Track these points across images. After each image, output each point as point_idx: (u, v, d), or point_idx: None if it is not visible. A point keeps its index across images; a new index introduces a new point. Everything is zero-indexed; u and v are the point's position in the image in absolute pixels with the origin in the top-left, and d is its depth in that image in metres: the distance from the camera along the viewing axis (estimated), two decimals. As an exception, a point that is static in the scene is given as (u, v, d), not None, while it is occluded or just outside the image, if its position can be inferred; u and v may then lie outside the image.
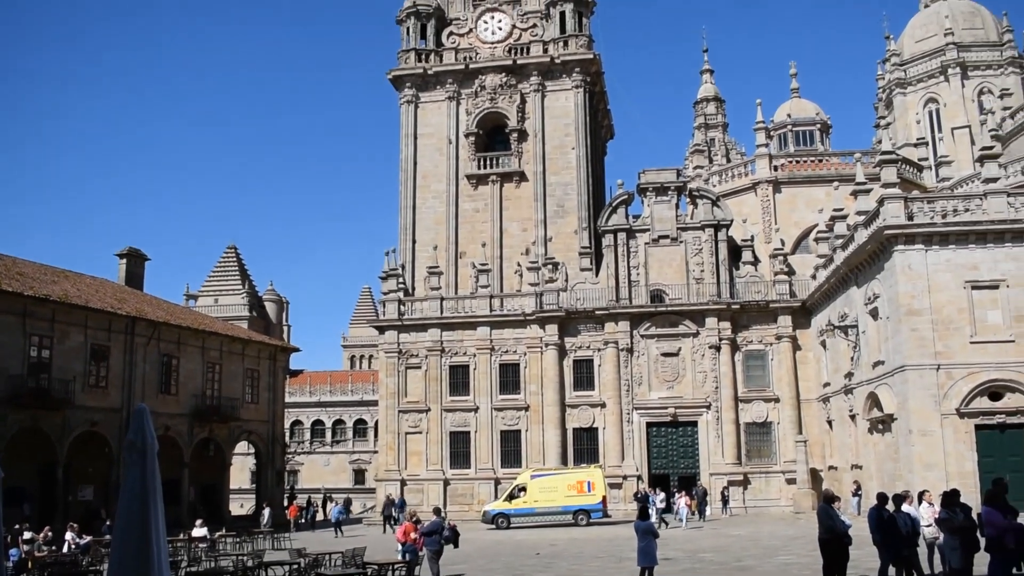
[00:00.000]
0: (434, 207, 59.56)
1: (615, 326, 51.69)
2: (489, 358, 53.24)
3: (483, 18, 62.81)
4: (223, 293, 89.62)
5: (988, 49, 65.99)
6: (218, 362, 51.29)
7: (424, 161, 60.37)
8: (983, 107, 62.41)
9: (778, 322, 50.90)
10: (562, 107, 59.97)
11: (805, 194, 55.50)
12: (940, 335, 34.44)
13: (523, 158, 59.47)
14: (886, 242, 36.05)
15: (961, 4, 69.28)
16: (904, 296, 35.07)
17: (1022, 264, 34.71)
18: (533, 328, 52.93)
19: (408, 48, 61.78)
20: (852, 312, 41.72)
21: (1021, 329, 34.16)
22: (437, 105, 61.15)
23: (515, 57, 60.65)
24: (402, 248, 58.90)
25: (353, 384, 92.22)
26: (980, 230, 34.99)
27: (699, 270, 52.07)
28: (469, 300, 54.66)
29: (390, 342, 54.34)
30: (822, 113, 64.23)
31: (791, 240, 54.37)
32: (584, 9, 61.32)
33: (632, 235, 53.15)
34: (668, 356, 51.40)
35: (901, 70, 68.40)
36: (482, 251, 56.83)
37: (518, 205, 58.93)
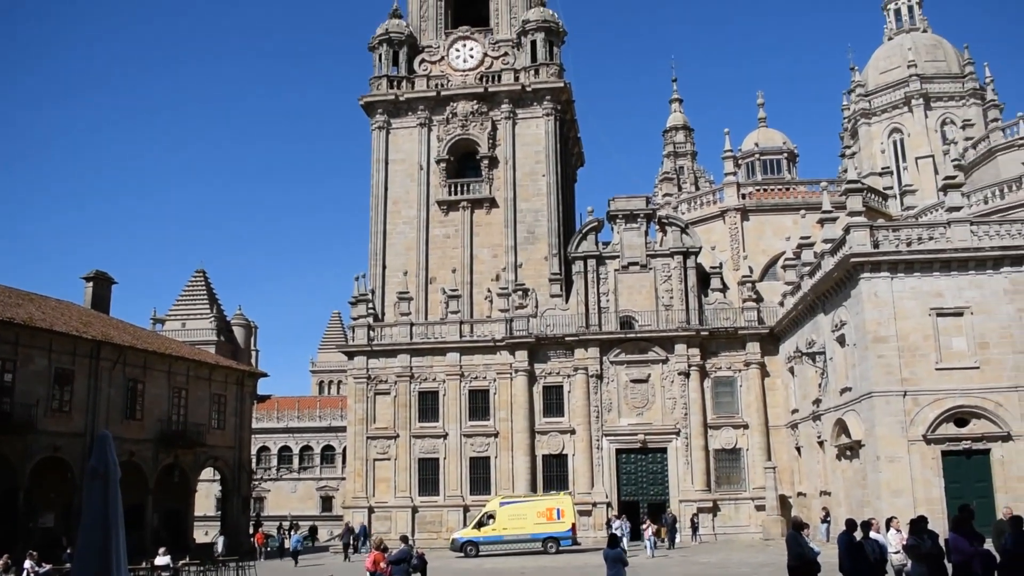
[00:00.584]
0: (405, 233, 59.52)
1: (585, 352, 51.75)
2: (459, 384, 53.07)
3: (455, 46, 63.16)
4: (191, 317, 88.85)
5: (950, 81, 67.22)
6: (184, 387, 50.71)
7: (395, 187, 60.40)
8: (946, 137, 63.45)
9: (747, 349, 51.19)
10: (533, 134, 60.28)
11: (773, 222, 56.02)
12: (906, 362, 34.78)
13: (494, 184, 59.65)
14: (852, 270, 36.43)
15: (924, 37, 70.59)
16: (871, 323, 35.42)
17: (986, 291, 35.21)
18: (503, 354, 52.86)
19: (380, 75, 61.96)
20: (820, 339, 42.05)
21: (985, 356, 34.60)
22: (408, 131, 61.28)
23: (487, 85, 60.96)
24: (372, 273, 58.74)
25: (321, 410, 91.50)
26: (944, 258, 35.47)
27: (668, 297, 52.33)
28: (439, 326, 54.54)
29: (359, 368, 54.05)
30: (789, 142, 64.94)
31: (759, 267, 54.77)
32: (555, 39, 61.81)
33: (602, 262, 53.36)
34: (637, 382, 51.50)
35: (866, 101, 69.45)
36: (452, 277, 56.79)
37: (489, 231, 59.02)
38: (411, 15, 64.66)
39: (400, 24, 63.03)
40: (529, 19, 61.70)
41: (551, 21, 61.73)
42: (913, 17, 72.55)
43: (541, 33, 61.19)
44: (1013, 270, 35.31)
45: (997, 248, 35.42)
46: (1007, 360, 34.48)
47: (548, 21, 61.58)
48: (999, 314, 34.96)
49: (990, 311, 35.03)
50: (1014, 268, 35.31)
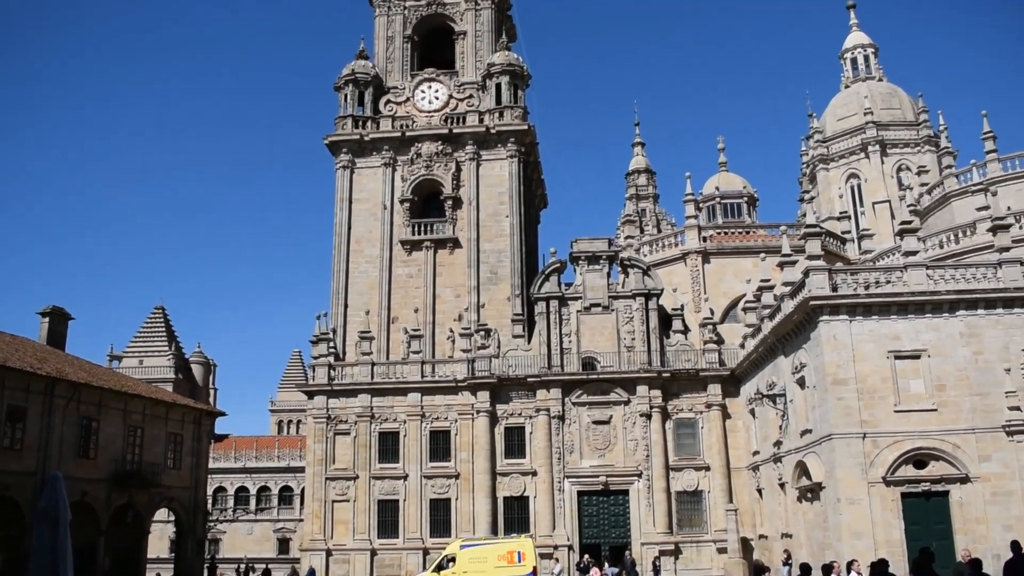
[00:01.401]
0: (367, 272, 59.34)
1: (547, 393, 51.67)
2: (419, 425, 52.68)
3: (420, 87, 63.55)
4: (149, 354, 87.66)
5: (905, 128, 68.64)
6: (140, 426, 49.80)
7: (358, 226, 60.32)
8: (902, 183, 64.63)
9: (708, 390, 51.40)
10: (497, 176, 60.60)
11: (733, 265, 56.55)
12: (865, 404, 35.10)
13: (457, 225, 59.76)
14: (812, 312, 36.82)
15: (880, 86, 72.12)
16: (830, 365, 35.74)
17: (942, 334, 35.74)
18: (465, 395, 52.62)
19: (345, 114, 62.14)
20: (780, 381, 42.33)
21: (943, 398, 35.03)
22: (373, 171, 61.36)
23: (451, 126, 61.34)
24: (334, 312, 58.41)
25: (280, 450, 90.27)
26: (902, 301, 36.01)
27: (630, 338, 52.52)
28: (400, 366, 54.23)
29: (319, 407, 53.50)
30: (749, 187, 65.81)
31: (720, 309, 55.16)
32: (520, 82, 62.42)
33: (564, 303, 53.51)
34: (600, 424, 51.45)
35: (824, 146, 70.66)
36: (415, 317, 56.61)
37: (452, 271, 59.02)
38: (377, 56, 65.07)
39: (366, 65, 63.35)
40: (494, 62, 62.30)
41: (516, 65, 62.37)
42: (869, 66, 74.13)
43: (506, 76, 61.77)
44: (968, 313, 35.91)
45: (953, 292, 36.02)
46: (964, 402, 34.94)
47: (513, 65, 62.21)
48: (955, 357, 35.48)
49: (947, 354, 35.55)
50: (969, 312, 35.93)
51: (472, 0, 65.28)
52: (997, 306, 36.03)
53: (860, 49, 74.81)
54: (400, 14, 65.61)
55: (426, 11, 65.74)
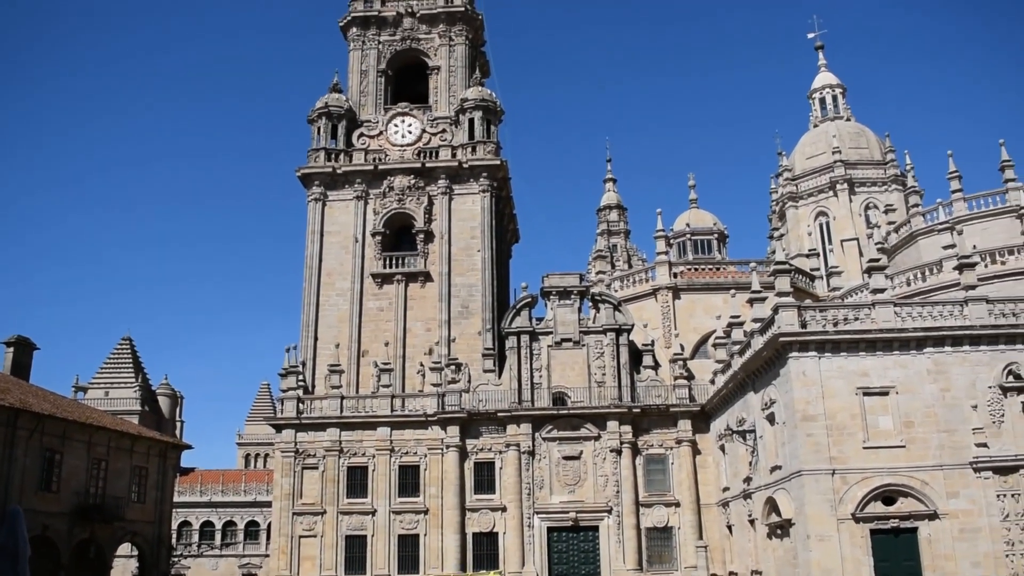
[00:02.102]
0: (338, 305, 59.08)
1: (517, 428, 51.51)
2: (389, 459, 52.27)
3: (394, 121, 63.72)
4: (115, 386, 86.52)
5: (873, 167, 69.62)
6: (104, 458, 49.01)
7: (329, 259, 60.13)
8: (869, 221, 65.39)
9: (678, 426, 51.47)
10: (469, 210, 60.71)
11: (703, 301, 56.78)
12: (835, 440, 35.29)
13: (429, 259, 59.72)
14: (781, 349, 37.05)
15: (848, 125, 73.21)
16: (799, 402, 35.93)
17: (910, 371, 36.09)
18: (434, 429, 52.33)
19: (318, 147, 62.14)
20: (750, 417, 42.47)
21: (911, 434, 35.30)
22: (345, 204, 61.28)
23: (424, 160, 61.47)
24: (304, 345, 58.00)
25: (247, 484, 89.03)
26: (870, 338, 36.36)
27: (601, 374, 52.57)
28: (370, 400, 53.89)
29: (287, 441, 52.97)
30: (719, 223, 66.32)
31: (690, 345, 55.34)
32: (492, 117, 62.77)
33: (535, 338, 53.54)
34: (570, 459, 51.31)
35: (793, 184, 71.46)
36: (385, 350, 56.36)
37: (423, 305, 58.87)
38: (351, 90, 65.24)
39: (340, 98, 63.50)
40: (467, 98, 62.64)
41: (489, 100, 62.76)
42: (837, 106, 75.25)
43: (479, 111, 62.11)
44: (936, 351, 36.30)
45: (920, 329, 36.42)
46: (932, 439, 35.22)
47: (486, 100, 62.58)
48: (923, 394, 35.82)
49: (914, 391, 35.88)
50: (936, 349, 36.32)
51: (446, 36, 65.79)
52: (964, 343, 36.47)
53: (828, 89, 75.97)
54: (374, 48, 65.96)
55: (400, 46, 66.14)
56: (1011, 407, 35.74)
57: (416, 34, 66.18)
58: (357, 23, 66.27)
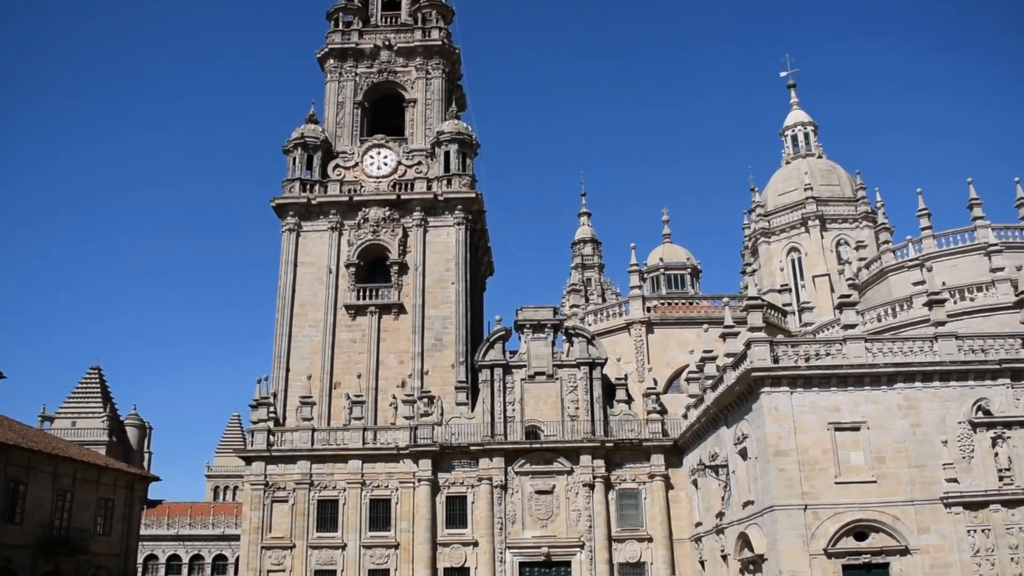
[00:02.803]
0: (310, 336, 58.72)
1: (490, 462, 51.22)
2: (360, 493, 51.77)
3: (370, 153, 63.77)
4: (82, 416, 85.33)
5: (844, 204, 70.44)
6: (70, 489, 48.33)
7: (303, 289, 59.83)
8: (841, 257, 66.08)
9: (651, 461, 51.37)
10: (444, 243, 60.71)
11: (677, 335, 56.91)
12: (807, 475, 35.31)
13: (403, 291, 59.57)
14: (753, 384, 37.15)
15: (819, 163, 74.13)
16: (772, 437, 35.97)
17: (880, 407, 36.27)
18: (406, 463, 51.94)
19: (293, 178, 62.01)
20: (722, 452, 42.47)
21: (882, 470, 35.40)
22: (319, 235, 61.12)
23: (399, 192, 61.51)
24: (275, 376, 57.52)
25: (215, 517, 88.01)
26: (841, 374, 36.54)
27: (574, 407, 52.49)
28: (341, 432, 53.44)
29: (257, 473, 52.35)
30: (693, 258, 66.71)
31: (663, 380, 55.41)
32: (468, 150, 62.96)
33: (509, 371, 53.42)
34: (542, 494, 51.03)
35: (766, 220, 72.12)
36: (357, 382, 56.01)
37: (396, 337, 58.63)
38: (327, 121, 65.30)
39: (316, 129, 63.53)
40: (443, 131, 62.84)
41: (465, 133, 62.98)
42: (809, 143, 76.26)
43: (455, 144, 62.29)
44: (906, 386, 36.52)
45: (891, 365, 36.66)
46: (903, 474, 35.33)
47: (462, 133, 62.81)
48: (894, 429, 35.98)
49: (885, 426, 36.03)
50: (907, 384, 36.55)
51: (423, 69, 66.09)
52: (934, 379, 36.73)
53: (800, 127, 77.00)
54: (351, 80, 66.14)
55: (377, 79, 66.37)
56: (980, 443, 35.96)
57: (393, 67, 66.45)
58: (334, 55, 66.49)
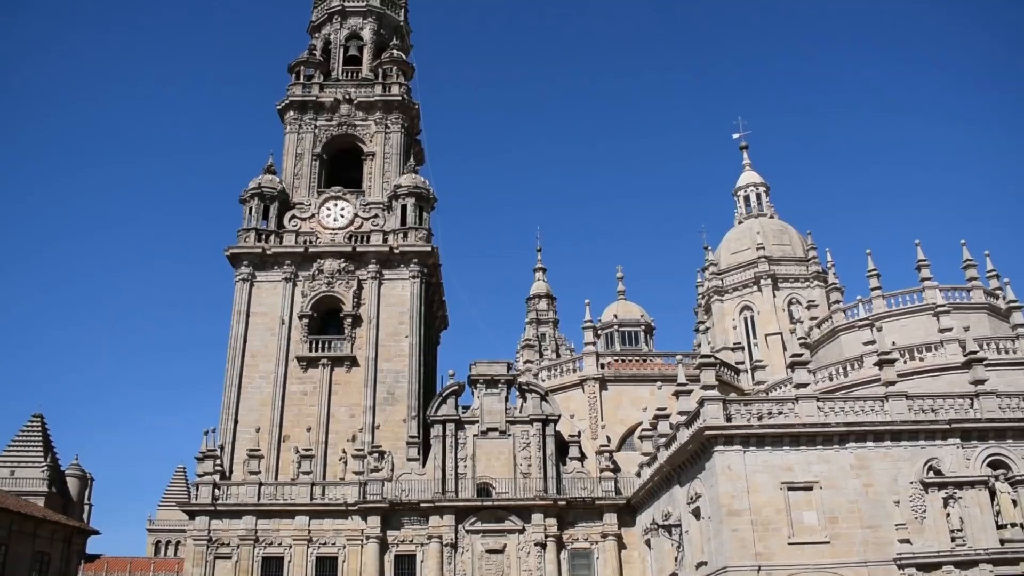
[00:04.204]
0: (261, 387, 57.67)
1: (440, 520, 50.36)
2: (306, 550, 50.51)
3: (327, 204, 63.44)
4: (21, 465, 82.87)
5: (796, 264, 71.27)
6: (5, 543, 46.65)
7: (254, 340, 58.89)
8: (792, 316, 66.62)
9: (604, 520, 50.83)
10: (398, 296, 60.29)
11: (630, 392, 56.81)
12: (760, 536, 35.10)
13: (356, 343, 58.89)
14: (707, 442, 37.04)
15: (771, 222, 75.10)
16: (725, 496, 35.78)
17: (833, 466, 36.31)
18: (355, 519, 50.87)
19: (249, 227, 61.36)
20: (676, 511, 42.15)
21: (835, 530, 35.31)
22: (273, 285, 60.39)
23: (355, 244, 61.11)
24: (223, 428, 56.26)
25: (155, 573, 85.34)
26: (794, 433, 36.61)
27: (527, 464, 51.96)
28: (289, 487, 52.30)
29: (200, 528, 50.92)
30: (647, 315, 66.86)
31: (617, 437, 55.13)
32: (425, 204, 62.91)
33: (461, 426, 52.84)
34: (493, 553, 50.18)
35: (719, 279, 72.69)
36: (307, 436, 54.97)
37: (348, 390, 57.79)
38: (285, 172, 64.96)
39: (273, 179, 63.13)
40: (401, 184, 62.78)
41: (422, 188, 62.97)
42: (761, 204, 77.27)
43: (412, 198, 62.21)
44: (858, 446, 36.67)
45: (842, 424, 36.82)
46: (856, 535, 35.27)
47: (419, 187, 62.78)
48: (847, 489, 36.00)
49: (838, 486, 36.05)
50: (859, 444, 36.71)
51: (382, 123, 66.21)
52: (885, 439, 36.93)
53: (752, 187, 78.04)
54: (311, 132, 66.04)
55: (336, 131, 66.33)
56: (932, 503, 36.10)
57: (353, 120, 66.50)
58: (295, 107, 66.42)
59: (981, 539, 35.73)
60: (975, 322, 48.78)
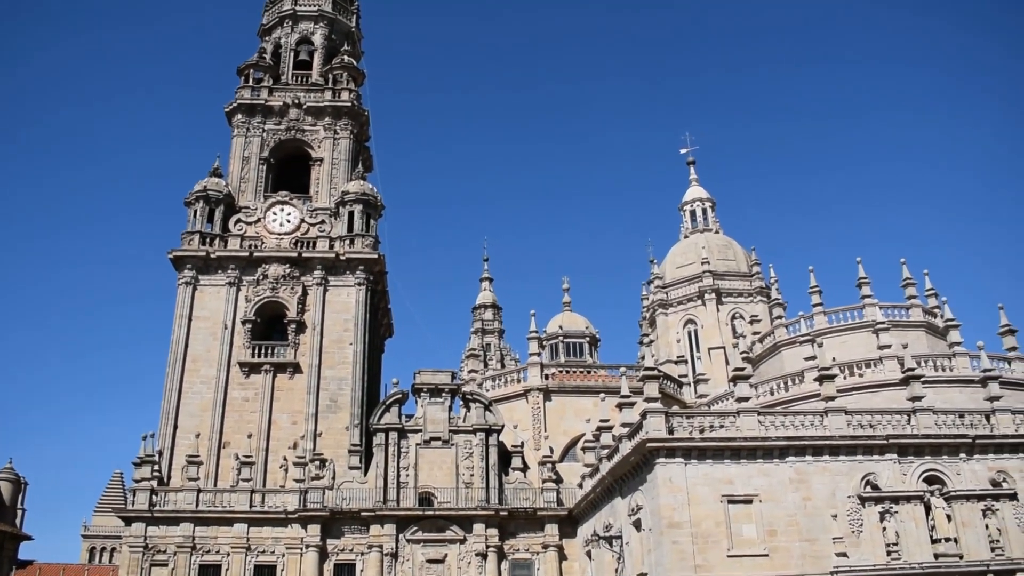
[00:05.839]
0: (201, 392, 56.76)
1: (381, 529, 49.98)
2: (244, 558, 49.78)
3: (273, 209, 62.76)
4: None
5: (739, 279, 72.21)
6: (-70, 552, 45.27)
7: (196, 344, 57.97)
8: (736, 330, 67.46)
9: (545, 530, 50.86)
10: (343, 303, 59.83)
11: (574, 403, 56.94)
12: (700, 548, 35.32)
13: (299, 350, 58.29)
14: (648, 454, 37.22)
15: (716, 238, 76.02)
16: (665, 508, 35.97)
17: (773, 480, 36.71)
18: (294, 527, 50.29)
19: (193, 230, 60.47)
20: (617, 523, 42.29)
21: (774, 543, 35.68)
22: (217, 289, 59.55)
23: (301, 250, 60.53)
24: (162, 433, 55.26)
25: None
26: (735, 446, 36.95)
27: (469, 474, 51.82)
28: (228, 494, 51.53)
29: (136, 535, 49.93)
30: (591, 327, 67.17)
31: (560, 448, 55.23)
32: (373, 211, 62.55)
33: (404, 435, 52.56)
34: (434, 563, 49.93)
35: (663, 292, 73.32)
36: (248, 442, 54.25)
37: (290, 397, 57.15)
38: (232, 175, 64.16)
39: (219, 183, 62.30)
40: (348, 191, 62.39)
41: (370, 194, 62.63)
42: (707, 219, 78.20)
43: (359, 205, 61.83)
44: (797, 460, 37.14)
45: (782, 438, 37.26)
46: (794, 548, 35.68)
47: (367, 194, 62.44)
48: (786, 502, 36.42)
49: (777, 499, 36.46)
50: (798, 458, 37.18)
51: (331, 129, 65.77)
52: (824, 453, 37.46)
53: (699, 203, 78.96)
54: (258, 136, 65.34)
55: (284, 136, 65.71)
56: (869, 517, 36.68)
57: (301, 125, 65.96)
58: (243, 110, 65.68)
59: (916, 553, 36.42)
60: (913, 339, 49.76)
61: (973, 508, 37.66)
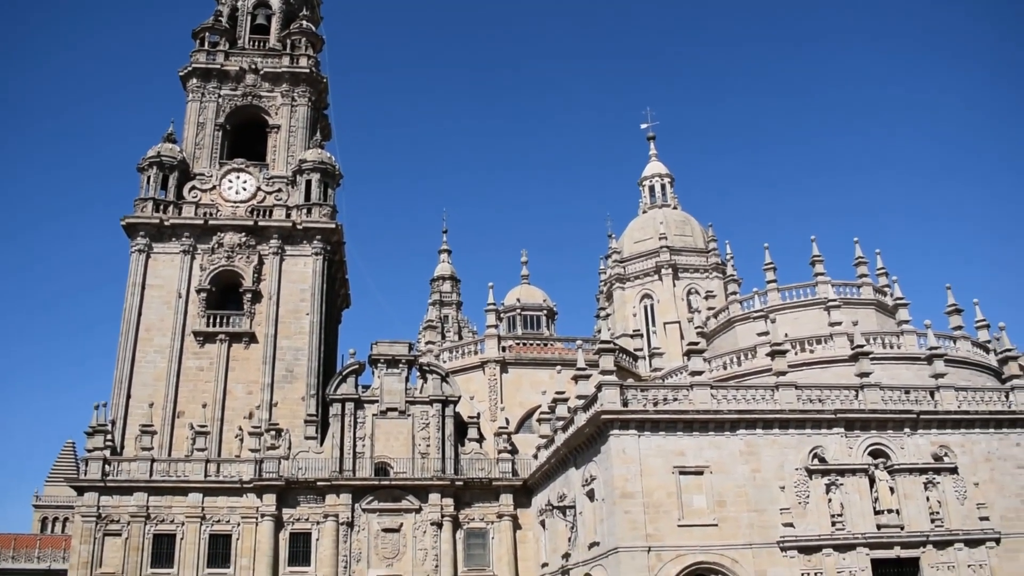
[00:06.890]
0: (155, 362, 56.30)
1: (336, 498, 50.18)
2: (199, 528, 49.75)
3: (228, 177, 62.07)
4: None
5: (696, 255, 72.88)
6: None
7: (149, 313, 57.41)
8: (691, 305, 68.16)
9: (500, 500, 51.40)
10: (300, 272, 59.52)
11: (530, 375, 57.44)
12: (651, 518, 36.00)
13: (255, 319, 57.96)
14: (603, 426, 37.75)
15: (674, 213, 76.56)
16: (618, 479, 36.56)
17: (723, 452, 37.46)
18: (250, 497, 50.31)
19: (147, 197, 59.62)
20: (571, 493, 42.87)
21: (723, 514, 36.47)
22: (171, 257, 58.90)
23: (257, 219, 60.04)
24: (115, 403, 54.81)
25: (41, 550, 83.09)
26: (687, 419, 37.61)
27: (425, 445, 52.13)
28: (183, 464, 51.36)
29: (89, 505, 49.66)
30: (549, 300, 67.60)
31: (516, 419, 55.72)
32: (331, 180, 62.12)
33: (360, 405, 52.67)
34: (389, 532, 50.29)
35: (621, 267, 73.83)
36: (203, 412, 53.99)
37: (246, 367, 56.89)
38: (186, 141, 63.27)
39: (173, 149, 61.47)
40: (306, 159, 61.87)
41: (328, 163, 62.17)
42: (665, 194, 78.64)
43: (317, 174, 61.37)
44: (748, 433, 37.88)
45: (734, 412, 37.95)
46: (743, 518, 36.49)
47: (325, 163, 61.97)
48: (735, 474, 37.18)
49: (727, 471, 37.21)
50: (749, 431, 37.91)
51: (288, 96, 65.06)
52: (774, 426, 38.24)
53: (658, 178, 79.34)
54: (214, 102, 64.42)
55: (241, 101, 64.86)
56: (815, 489, 37.59)
57: (258, 91, 65.16)
58: (198, 74, 64.70)
59: (859, 524, 37.45)
60: (863, 317, 50.63)
61: (915, 481, 38.74)
